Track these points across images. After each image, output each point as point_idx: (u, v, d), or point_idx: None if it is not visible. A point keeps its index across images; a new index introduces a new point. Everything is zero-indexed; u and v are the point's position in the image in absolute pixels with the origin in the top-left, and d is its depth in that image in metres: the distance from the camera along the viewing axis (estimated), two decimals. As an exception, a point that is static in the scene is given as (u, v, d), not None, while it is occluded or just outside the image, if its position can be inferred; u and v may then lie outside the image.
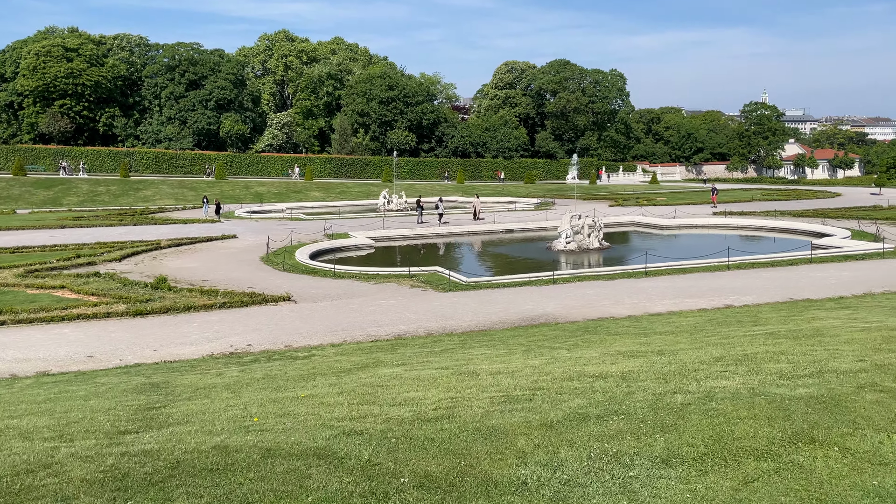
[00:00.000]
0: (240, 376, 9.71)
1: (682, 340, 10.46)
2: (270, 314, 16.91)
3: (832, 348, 8.00)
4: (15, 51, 76.00)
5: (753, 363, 6.96)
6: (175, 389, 8.64)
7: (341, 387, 7.24)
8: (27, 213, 48.49)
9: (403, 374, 8.18)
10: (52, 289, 20.22)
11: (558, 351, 10.20)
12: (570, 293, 19.18)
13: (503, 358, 9.51)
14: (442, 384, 6.78)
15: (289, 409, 5.83)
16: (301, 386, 7.83)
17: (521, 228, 37.03)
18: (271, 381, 8.56)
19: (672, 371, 6.65)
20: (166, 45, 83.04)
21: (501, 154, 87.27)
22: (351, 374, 8.87)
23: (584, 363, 8.07)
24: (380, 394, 6.36)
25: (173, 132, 78.16)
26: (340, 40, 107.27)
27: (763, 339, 9.71)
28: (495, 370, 7.79)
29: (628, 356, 8.69)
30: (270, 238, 30.10)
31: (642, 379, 6.26)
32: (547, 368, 7.64)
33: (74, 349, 13.58)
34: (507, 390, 6.09)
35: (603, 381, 6.22)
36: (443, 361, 9.68)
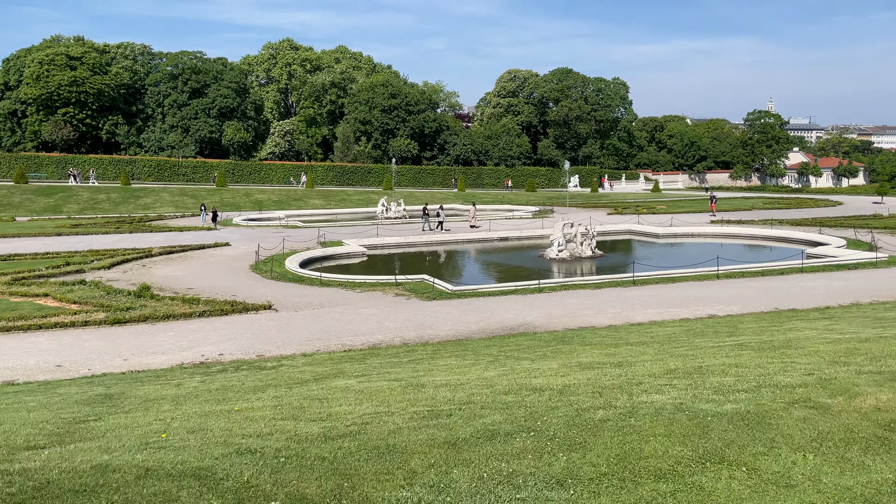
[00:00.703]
0: (196, 387, 9.59)
1: (648, 352, 10.29)
2: (249, 323, 16.80)
3: (789, 361, 7.82)
4: (19, 59, 76.55)
5: (700, 376, 6.79)
6: (125, 401, 8.52)
7: (281, 400, 7.11)
8: (26, 220, 48.62)
9: (353, 387, 8.03)
10: (35, 297, 20.17)
11: (521, 362, 10.03)
12: (553, 302, 19.01)
13: (462, 370, 9.35)
14: (379, 397, 6.63)
15: (208, 424, 5.70)
16: (245, 398, 7.70)
17: (516, 236, 36.87)
18: (221, 393, 8.43)
19: (614, 384, 6.48)
20: (170, 54, 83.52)
21: (503, 162, 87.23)
22: (303, 385, 8.73)
23: (536, 375, 7.91)
24: (312, 408, 6.21)
25: (176, 140, 78.46)
26: (345, 49, 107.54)
27: (728, 351, 9.53)
28: (443, 382, 7.64)
29: (585, 368, 8.52)
30: (261, 246, 30.04)
31: (579, 392, 6.10)
32: (495, 381, 7.49)
33: (45, 358, 13.49)
34: (437, 405, 5.94)
35: (538, 395, 6.06)
36: (402, 373, 9.53)
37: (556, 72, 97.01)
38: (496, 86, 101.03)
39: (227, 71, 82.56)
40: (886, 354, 7.78)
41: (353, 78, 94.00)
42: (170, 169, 73.50)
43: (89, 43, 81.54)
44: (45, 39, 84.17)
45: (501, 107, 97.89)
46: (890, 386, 5.66)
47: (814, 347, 9.16)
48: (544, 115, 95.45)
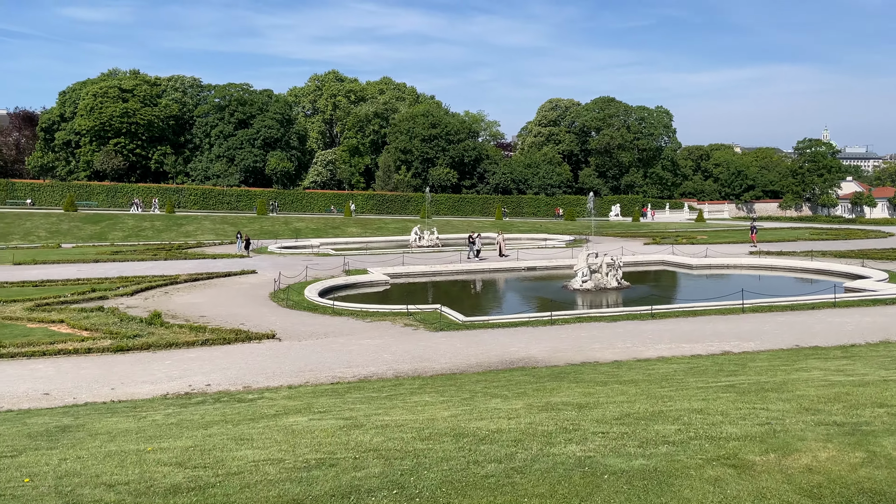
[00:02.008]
0: (154, 421, 9.39)
1: (629, 392, 9.69)
2: (248, 352, 16.68)
3: (761, 406, 7.18)
4: (75, 92, 79.85)
5: (648, 423, 6.24)
6: (72, 435, 8.37)
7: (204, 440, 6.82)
8: (71, 247, 50.15)
9: (295, 426, 7.70)
10: (51, 323, 20.52)
11: (492, 401, 9.55)
12: (563, 335, 18.39)
13: (423, 408, 8.94)
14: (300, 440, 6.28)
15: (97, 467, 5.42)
16: (184, 436, 7.44)
17: (544, 266, 36.22)
18: (166, 429, 8.20)
19: (548, 430, 5.99)
20: (218, 86, 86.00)
21: (543, 191, 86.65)
22: (254, 422, 8.43)
23: (487, 417, 7.45)
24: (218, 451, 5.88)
25: (221, 169, 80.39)
26: (389, 80, 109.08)
27: (710, 393, 8.88)
28: (385, 423, 7.25)
29: (545, 409, 8.02)
30: (287, 274, 30.18)
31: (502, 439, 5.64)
32: (439, 423, 7.06)
33: (36, 386, 13.56)
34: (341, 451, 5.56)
35: (455, 442, 5.62)
36: (361, 411, 9.17)
37: (598, 100, 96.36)
38: (537, 115, 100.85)
39: (273, 102, 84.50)
40: (871, 402, 7.09)
41: (396, 108, 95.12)
42: (215, 197, 75.21)
43: (142, 76, 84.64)
44: (102, 73, 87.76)
45: (542, 136, 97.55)
46: (840, 441, 5.05)
47: (802, 391, 8.46)
48: (586, 144, 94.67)
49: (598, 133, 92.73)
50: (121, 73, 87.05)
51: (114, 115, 75.94)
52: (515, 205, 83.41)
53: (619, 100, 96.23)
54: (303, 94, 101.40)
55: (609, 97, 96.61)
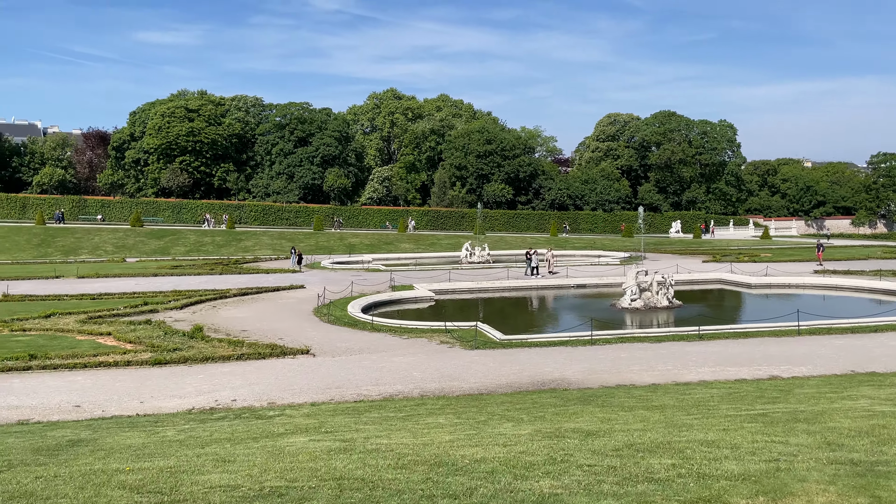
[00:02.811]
0: (163, 437, 9.38)
1: (651, 418, 9.15)
2: (280, 368, 16.69)
3: (781, 439, 6.61)
4: (144, 112, 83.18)
5: (640, 455, 5.78)
6: (78, 450, 8.40)
7: (198, 459, 6.69)
8: (135, 261, 51.92)
9: (291, 447, 7.51)
10: (99, 335, 21.09)
11: (504, 425, 9.17)
12: (602, 356, 17.77)
13: (428, 431, 8.63)
14: (273, 465, 6.07)
15: (54, 488, 5.32)
16: (174, 455, 7.34)
17: (594, 284, 35.41)
18: (168, 447, 8.15)
19: (534, 461, 5.61)
20: (279, 105, 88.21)
21: (601, 206, 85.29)
22: (254, 441, 8.29)
23: (485, 443, 7.10)
24: (184, 475, 5.71)
25: (280, 186, 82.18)
26: (446, 97, 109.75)
27: (736, 422, 8.28)
28: (377, 447, 6.98)
29: (552, 437, 7.60)
30: (334, 289, 30.36)
31: (475, 471, 5.28)
32: (430, 449, 6.75)
33: (70, 398, 13.84)
34: (301, 478, 5.30)
35: (427, 473, 5.30)
36: (368, 431, 8.93)
37: (659, 115, 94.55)
38: (595, 130, 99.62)
39: (331, 120, 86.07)
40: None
41: (453, 125, 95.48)
42: (274, 213, 76.87)
43: (208, 96, 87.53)
44: (171, 94, 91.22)
45: (600, 151, 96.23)
46: (845, 483, 4.51)
47: (836, 422, 7.79)
48: (645, 159, 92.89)
49: (659, 148, 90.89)
50: (188, 94, 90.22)
51: (180, 134, 78.69)
52: (572, 221, 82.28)
53: (680, 114, 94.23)
54: (361, 111, 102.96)
55: (670, 111, 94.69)
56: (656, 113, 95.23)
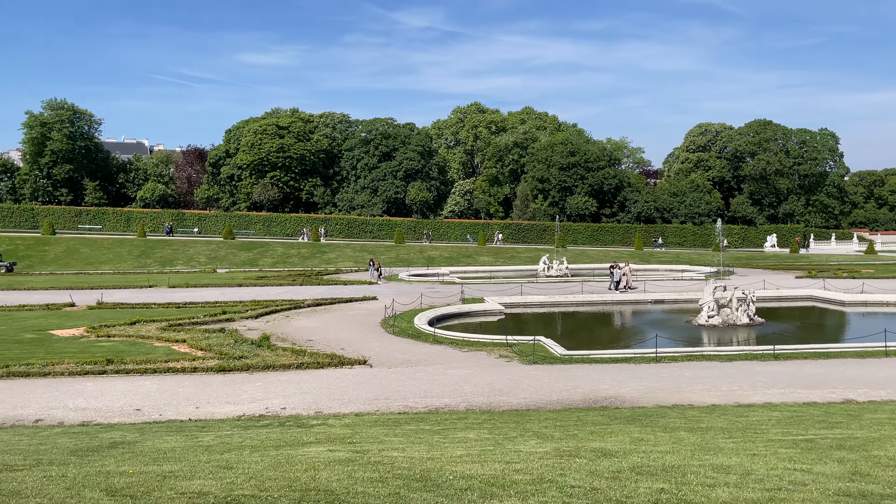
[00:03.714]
0: (203, 442, 9.65)
1: (685, 440, 8.68)
2: (335, 377, 16.93)
3: (805, 468, 6.10)
4: (238, 130, 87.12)
5: (637, 478, 5.44)
6: (113, 452, 8.76)
7: (206, 466, 6.83)
8: (224, 272, 54.23)
9: (304, 457, 7.56)
10: (174, 342, 22.07)
11: (529, 442, 8.92)
12: (664, 374, 17.06)
13: (453, 445, 8.50)
14: (266, 473, 6.10)
15: (48, 490, 5.52)
16: (191, 460, 7.53)
17: (673, 299, 34.17)
18: (192, 452, 8.37)
19: (521, 479, 5.38)
20: (364, 121, 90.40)
21: (690, 219, 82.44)
22: (275, 450, 8.40)
23: (494, 460, 6.91)
24: (171, 480, 5.81)
25: (365, 200, 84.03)
26: (530, 109, 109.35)
27: (775, 447, 7.73)
28: (380, 459, 6.91)
29: (566, 455, 7.32)
30: (400, 301, 30.64)
31: (450, 487, 5.10)
32: (430, 463, 6.62)
33: (133, 402, 14.51)
34: (272, 487, 5.27)
35: (400, 488, 5.16)
36: (390, 444, 8.89)
37: (753, 124, 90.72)
38: (685, 140, 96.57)
39: (414, 135, 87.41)
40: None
41: (536, 137, 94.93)
42: (358, 226, 78.64)
43: (298, 114, 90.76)
44: (265, 112, 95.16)
45: (690, 162, 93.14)
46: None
47: (882, 451, 7.14)
48: (738, 170, 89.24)
49: (753, 158, 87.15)
50: (281, 112, 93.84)
51: (271, 151, 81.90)
52: (659, 234, 79.91)
53: (776, 122, 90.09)
54: (445, 126, 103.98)
55: (765, 120, 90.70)
56: (751, 122, 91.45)
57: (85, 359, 18.83)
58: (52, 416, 13.19)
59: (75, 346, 21.61)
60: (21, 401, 14.41)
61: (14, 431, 11.67)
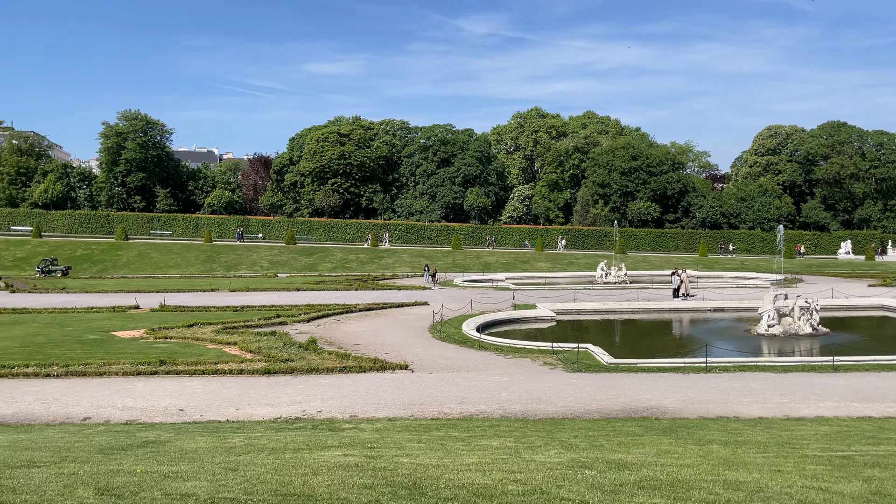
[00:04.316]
0: (231, 443, 9.83)
1: (712, 454, 8.32)
2: (375, 381, 17.01)
3: (822, 486, 5.74)
4: (301, 138, 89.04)
5: (633, 492, 5.22)
6: (140, 451, 9.01)
7: (216, 466, 6.94)
8: (285, 276, 55.38)
9: (314, 461, 7.60)
10: (226, 345, 22.63)
11: (550, 451, 8.72)
12: (712, 384, 16.47)
13: (471, 452, 8.40)
14: (265, 476, 6.13)
15: (47, 486, 5.68)
16: (206, 460, 7.66)
17: (734, 307, 33.02)
18: (210, 454, 8.53)
19: (512, 489, 5.24)
20: (423, 128, 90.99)
21: (759, 225, 79.65)
22: (293, 453, 8.47)
23: (499, 468, 6.78)
24: (169, 481, 5.90)
25: (423, 206, 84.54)
26: (592, 114, 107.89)
27: (807, 463, 7.33)
28: (389, 465, 6.87)
29: (581, 466, 7.12)
30: (450, 307, 30.63)
31: (430, 495, 5.00)
32: (434, 470, 6.54)
33: (177, 402, 14.92)
34: (258, 490, 5.27)
35: (384, 495, 5.09)
36: (408, 449, 8.85)
37: (826, 126, 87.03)
38: (753, 143, 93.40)
39: (473, 141, 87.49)
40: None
41: (597, 142, 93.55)
42: (416, 232, 79.17)
43: (359, 121, 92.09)
44: (328, 120, 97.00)
45: (759, 165, 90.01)
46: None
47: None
48: (810, 174, 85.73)
49: (826, 161, 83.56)
50: (343, 120, 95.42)
51: (332, 158, 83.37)
52: (725, 240, 77.50)
53: (851, 124, 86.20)
54: (505, 131, 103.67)
55: (839, 122, 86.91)
56: (823, 124, 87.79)
57: (140, 359, 19.51)
58: (99, 415, 13.70)
59: (134, 347, 22.41)
60: (74, 399, 15.03)
61: (60, 429, 12.16)
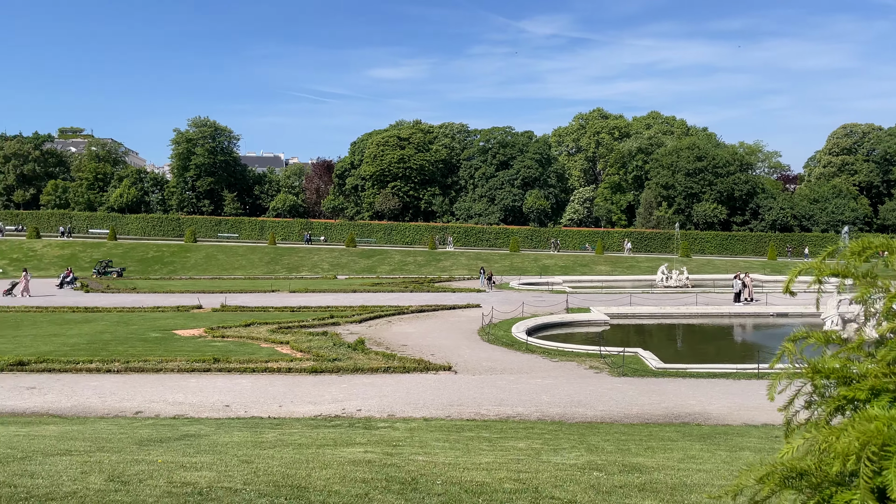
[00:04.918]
0: (264, 439, 10.12)
1: (742, 459, 8.06)
2: (417, 382, 17.15)
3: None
4: (362, 142, 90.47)
5: (626, 495, 5.12)
6: (174, 444, 9.37)
7: (234, 459, 7.17)
8: (344, 278, 56.37)
9: (333, 456, 7.75)
10: (279, 344, 23.20)
11: (572, 453, 8.64)
12: (762, 391, 15.86)
13: (492, 452, 8.41)
14: (275, 469, 6.29)
15: (65, 472, 5.98)
16: (230, 454, 7.91)
17: (797, 312, 31.72)
18: (236, 447, 8.80)
19: (499, 489, 5.22)
20: (482, 130, 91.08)
21: (832, 227, 76.43)
22: (317, 448, 8.65)
23: (509, 468, 6.77)
24: (180, 472, 6.13)
25: (482, 208, 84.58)
26: (657, 114, 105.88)
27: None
28: (397, 463, 6.95)
29: (589, 469, 7.03)
30: (500, 309, 30.57)
31: (430, 491, 5.03)
32: (435, 468, 6.58)
33: (224, 398, 15.41)
34: (254, 483, 5.41)
35: (370, 488, 5.15)
36: (432, 447, 8.92)
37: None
38: (828, 142, 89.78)
39: (532, 143, 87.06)
40: None
41: (662, 143, 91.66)
42: (475, 235, 79.29)
43: (419, 125, 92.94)
44: (390, 124, 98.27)
45: (833, 165, 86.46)
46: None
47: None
48: (889, 174, 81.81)
49: (906, 160, 79.62)
50: (403, 124, 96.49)
51: (392, 161, 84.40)
52: (796, 243, 74.70)
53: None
54: (566, 133, 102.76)
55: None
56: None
57: (195, 357, 20.21)
58: (150, 409, 14.29)
59: (191, 345, 23.23)
60: (129, 394, 15.71)
61: (112, 421, 12.75)
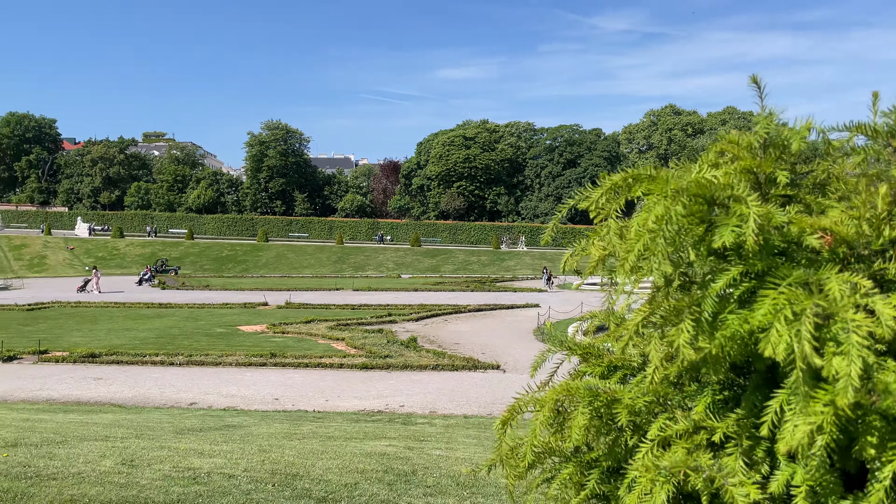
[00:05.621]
0: (301, 431, 10.47)
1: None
2: (463, 380, 17.28)
3: None
4: (428, 142, 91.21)
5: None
6: (212, 434, 9.81)
7: (256, 447, 7.49)
8: (407, 277, 57.04)
9: (354, 449, 7.97)
10: (335, 340, 23.78)
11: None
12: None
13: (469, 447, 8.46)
14: (296, 459, 6.53)
15: (98, 462, 6.36)
16: (256, 445, 8.24)
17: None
18: (269, 438, 9.15)
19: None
20: (549, 129, 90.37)
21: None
22: (344, 440, 8.90)
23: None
24: (193, 458, 6.44)
25: (548, 208, 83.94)
26: (733, 109, 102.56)
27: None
28: (411, 457, 7.10)
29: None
30: (561, 310, 30.34)
31: (428, 484, 5.13)
32: (443, 462, 6.70)
33: (275, 391, 15.95)
34: (251, 469, 5.62)
35: (358, 478, 5.28)
36: (459, 443, 9.05)
37: None
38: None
39: (600, 141, 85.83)
40: None
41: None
42: (540, 235, 78.72)
43: (485, 124, 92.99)
44: (457, 124, 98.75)
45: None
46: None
47: None
48: None
49: None
50: (470, 123, 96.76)
51: (458, 161, 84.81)
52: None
53: None
54: (637, 130, 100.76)
55: None
56: None
57: (253, 352, 20.96)
58: (203, 401, 14.93)
59: (252, 340, 24.08)
60: (187, 386, 16.45)
61: (166, 411, 13.41)
